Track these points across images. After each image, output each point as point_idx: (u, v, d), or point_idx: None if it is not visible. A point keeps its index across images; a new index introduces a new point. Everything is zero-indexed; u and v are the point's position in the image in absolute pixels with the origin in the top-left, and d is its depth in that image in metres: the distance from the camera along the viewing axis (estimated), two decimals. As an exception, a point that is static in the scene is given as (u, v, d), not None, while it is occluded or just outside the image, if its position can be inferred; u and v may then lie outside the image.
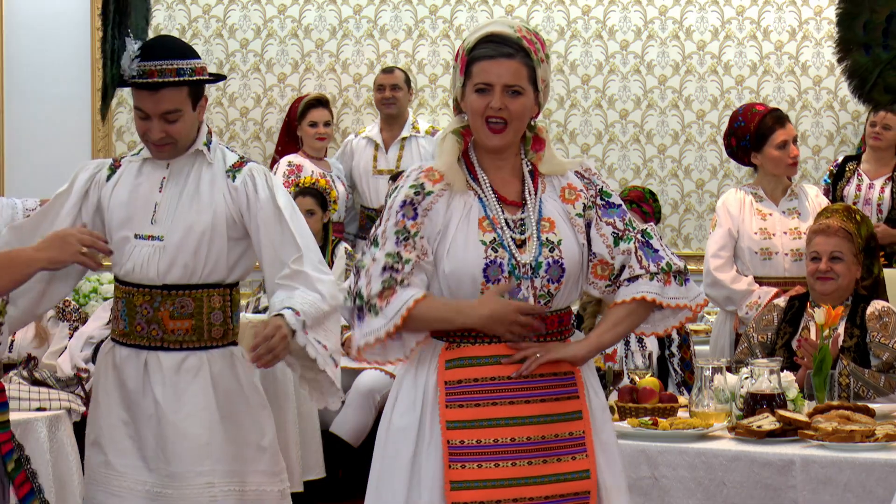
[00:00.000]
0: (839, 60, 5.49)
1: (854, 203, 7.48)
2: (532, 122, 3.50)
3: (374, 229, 3.47)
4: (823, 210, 5.28)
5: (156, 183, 4.06)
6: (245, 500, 4.04)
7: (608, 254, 3.45)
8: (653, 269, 3.45)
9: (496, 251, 3.39)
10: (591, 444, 3.41)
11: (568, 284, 3.44)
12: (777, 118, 6.29)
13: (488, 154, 3.48)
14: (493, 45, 3.40)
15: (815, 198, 6.32)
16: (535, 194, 3.46)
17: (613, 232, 3.46)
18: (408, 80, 8.25)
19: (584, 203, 3.46)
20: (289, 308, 3.91)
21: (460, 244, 3.40)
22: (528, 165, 3.49)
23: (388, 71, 8.27)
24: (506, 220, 3.43)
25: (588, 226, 3.47)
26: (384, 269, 3.39)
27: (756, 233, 6.23)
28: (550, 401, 3.41)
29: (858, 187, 7.59)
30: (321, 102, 8.18)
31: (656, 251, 3.47)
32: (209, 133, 4.13)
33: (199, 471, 3.98)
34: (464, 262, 3.39)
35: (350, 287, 3.45)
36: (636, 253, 3.45)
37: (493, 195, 3.44)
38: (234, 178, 4.06)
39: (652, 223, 3.57)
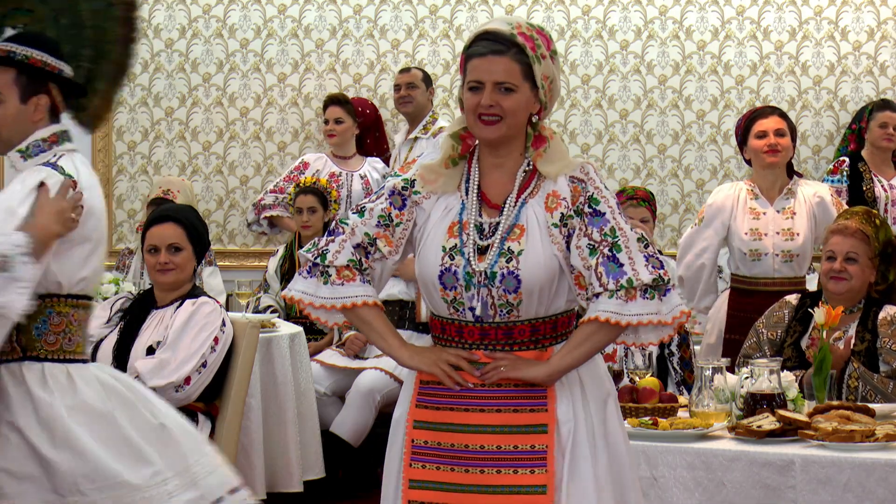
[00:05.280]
0: None
1: (885, 204, 7.47)
2: (534, 120, 3.47)
3: (365, 199, 3.50)
4: (844, 211, 5.27)
5: None
6: None
7: (583, 266, 3.37)
8: (611, 286, 3.32)
9: (453, 258, 3.37)
10: (553, 460, 3.35)
11: (533, 295, 3.37)
12: (762, 111, 6.31)
13: (489, 152, 3.45)
14: (485, 43, 3.38)
15: (811, 196, 6.29)
16: (521, 198, 3.41)
17: (589, 244, 3.36)
18: (426, 80, 8.26)
19: (562, 213, 3.38)
20: None
21: (427, 248, 3.42)
22: (528, 165, 3.45)
23: (404, 70, 8.30)
24: (479, 224, 3.40)
25: (571, 235, 3.38)
26: (357, 246, 3.44)
27: (746, 233, 6.23)
28: (509, 412, 3.38)
29: (884, 188, 7.58)
30: (334, 100, 8.21)
31: (620, 265, 3.33)
32: (46, 141, 3.86)
33: None
34: (425, 266, 3.41)
35: (320, 241, 3.48)
36: (597, 269, 3.34)
37: (476, 198, 3.42)
38: None
39: (639, 230, 3.48)
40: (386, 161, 8.41)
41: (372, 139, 8.47)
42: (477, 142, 3.47)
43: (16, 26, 3.95)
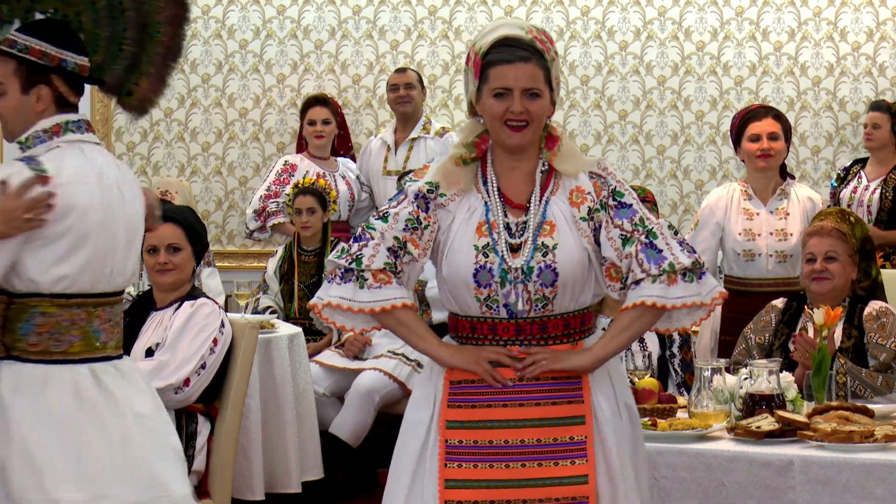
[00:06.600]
0: None
1: (848, 205, 7.50)
2: (547, 121, 3.52)
3: (385, 205, 3.53)
4: (819, 213, 5.30)
5: None
6: None
7: (617, 257, 3.47)
8: (654, 271, 3.43)
9: (487, 256, 3.42)
10: (592, 450, 3.43)
11: (567, 288, 3.45)
12: (756, 113, 6.31)
13: (506, 155, 3.50)
14: (508, 49, 3.42)
15: (804, 197, 6.30)
16: (544, 196, 3.48)
17: (621, 234, 3.46)
18: (421, 80, 8.26)
19: (589, 206, 3.47)
20: None
21: (456, 248, 3.46)
22: (544, 165, 3.51)
23: (400, 71, 8.28)
24: (507, 223, 3.45)
25: (599, 229, 3.48)
26: (389, 250, 3.47)
27: (740, 234, 6.24)
28: (548, 405, 3.44)
29: (854, 189, 7.61)
30: (319, 101, 8.18)
31: (660, 251, 3.44)
32: (48, 132, 3.76)
33: None
34: (457, 266, 3.45)
35: (348, 245, 3.50)
36: (637, 256, 3.45)
37: (498, 198, 3.47)
38: None
39: (663, 220, 3.55)
40: (353, 160, 8.37)
41: (339, 139, 8.45)
42: (489, 145, 3.51)
43: (46, 11, 3.87)
